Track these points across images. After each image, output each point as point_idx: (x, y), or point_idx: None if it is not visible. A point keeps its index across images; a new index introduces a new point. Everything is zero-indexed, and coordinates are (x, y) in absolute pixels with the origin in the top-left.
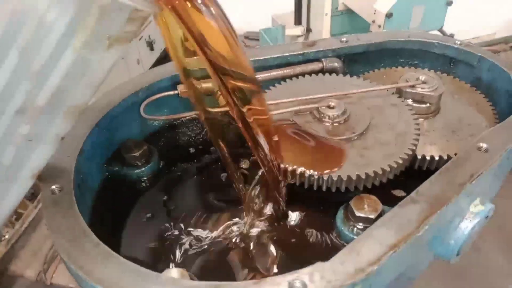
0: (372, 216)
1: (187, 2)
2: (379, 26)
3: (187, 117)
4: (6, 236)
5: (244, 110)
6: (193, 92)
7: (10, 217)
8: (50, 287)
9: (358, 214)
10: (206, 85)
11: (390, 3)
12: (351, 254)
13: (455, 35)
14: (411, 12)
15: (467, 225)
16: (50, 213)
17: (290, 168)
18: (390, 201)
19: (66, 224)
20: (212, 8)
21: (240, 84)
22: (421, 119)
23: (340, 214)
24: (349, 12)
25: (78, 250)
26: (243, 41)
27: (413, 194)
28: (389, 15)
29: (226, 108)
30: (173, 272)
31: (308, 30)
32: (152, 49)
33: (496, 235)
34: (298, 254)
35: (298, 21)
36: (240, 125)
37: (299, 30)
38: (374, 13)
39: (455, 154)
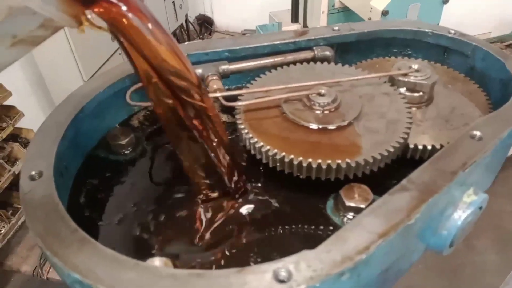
0: (363, 206)
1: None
2: None
3: None
4: (2, 231)
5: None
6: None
7: (5, 212)
8: (46, 282)
9: (348, 203)
10: None
11: (386, 1)
12: (338, 243)
13: None
14: (407, 10)
15: (460, 215)
16: (27, 198)
17: (278, 156)
18: (382, 190)
19: (44, 210)
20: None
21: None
22: (414, 108)
23: (330, 203)
24: (345, 9)
25: (54, 236)
26: None
27: (404, 181)
28: (385, 13)
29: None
30: (156, 261)
31: (305, 27)
32: None
33: (492, 234)
34: (286, 241)
35: (295, 19)
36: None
37: (295, 28)
38: (370, 11)
39: (448, 144)
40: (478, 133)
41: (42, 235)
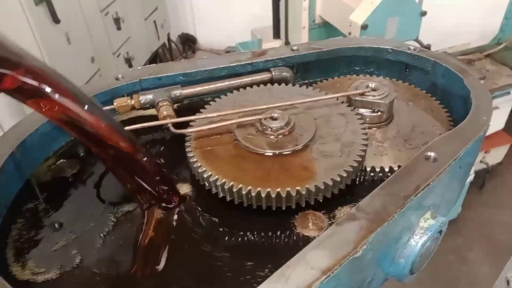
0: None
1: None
2: None
3: None
4: None
5: None
6: None
7: None
8: None
9: (301, 233)
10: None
11: (365, 15)
12: (279, 281)
13: (432, 45)
14: (386, 23)
15: (417, 242)
16: None
17: (227, 186)
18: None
19: None
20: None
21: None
22: (374, 129)
23: (287, 231)
24: (326, 24)
25: None
26: None
27: (353, 210)
28: (364, 27)
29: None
30: None
31: (287, 43)
32: (130, 65)
33: (483, 245)
34: (236, 270)
35: (276, 35)
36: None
37: (277, 44)
38: (350, 25)
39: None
40: (432, 154)
41: None
